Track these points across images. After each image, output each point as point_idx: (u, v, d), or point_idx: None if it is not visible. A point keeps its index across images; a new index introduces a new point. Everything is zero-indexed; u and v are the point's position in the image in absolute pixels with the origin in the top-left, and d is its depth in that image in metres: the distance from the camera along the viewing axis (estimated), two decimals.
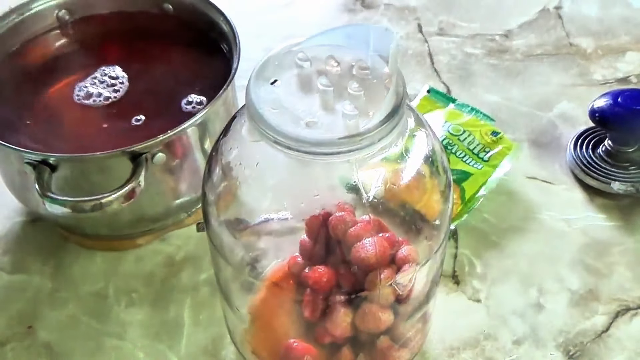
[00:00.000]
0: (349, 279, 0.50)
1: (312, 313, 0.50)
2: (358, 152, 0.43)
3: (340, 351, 0.52)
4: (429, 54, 0.89)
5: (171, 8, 0.73)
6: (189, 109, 0.66)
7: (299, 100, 0.45)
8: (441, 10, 0.95)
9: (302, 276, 0.50)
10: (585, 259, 0.67)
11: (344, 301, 0.50)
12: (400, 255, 0.50)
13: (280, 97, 0.45)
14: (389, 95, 0.43)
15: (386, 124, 0.43)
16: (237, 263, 0.54)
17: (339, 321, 0.50)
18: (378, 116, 0.43)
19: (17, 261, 0.68)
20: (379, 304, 0.50)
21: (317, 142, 0.42)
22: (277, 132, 0.43)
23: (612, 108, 0.71)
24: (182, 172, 0.64)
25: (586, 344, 0.61)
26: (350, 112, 0.43)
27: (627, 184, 0.71)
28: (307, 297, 0.50)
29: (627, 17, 0.94)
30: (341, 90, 0.45)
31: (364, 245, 0.49)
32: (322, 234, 0.51)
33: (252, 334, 0.57)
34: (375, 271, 0.49)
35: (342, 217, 0.50)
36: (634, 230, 0.69)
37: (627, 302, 0.64)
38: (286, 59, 0.46)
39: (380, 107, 0.43)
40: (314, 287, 0.49)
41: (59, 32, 0.73)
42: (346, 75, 0.46)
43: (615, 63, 0.87)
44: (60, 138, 0.65)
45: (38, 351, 0.61)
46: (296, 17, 0.96)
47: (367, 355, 0.52)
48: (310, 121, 0.44)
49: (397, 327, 0.52)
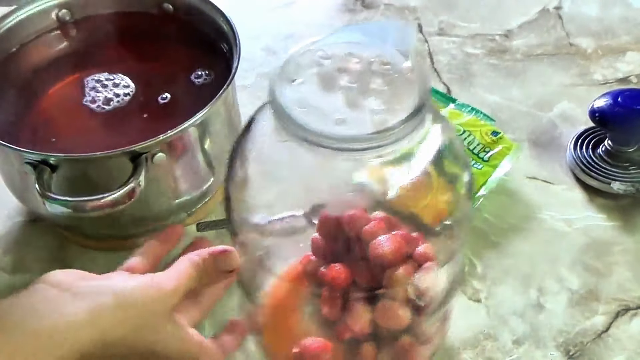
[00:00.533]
0: (366, 276, 0.50)
1: (331, 310, 0.50)
2: (389, 146, 0.43)
3: (361, 347, 0.52)
4: (429, 54, 0.89)
5: (171, 8, 0.73)
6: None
7: (324, 98, 0.45)
8: (441, 10, 0.95)
9: (318, 274, 0.50)
10: (585, 259, 0.67)
11: (362, 298, 0.50)
12: (419, 253, 0.50)
13: (305, 96, 0.45)
14: (417, 88, 0.44)
15: (415, 117, 0.43)
16: (256, 259, 0.54)
17: (358, 317, 0.50)
18: (407, 110, 0.43)
19: (18, 261, 0.68)
20: (398, 301, 0.50)
21: (351, 138, 0.43)
22: (308, 130, 0.43)
23: (612, 108, 0.71)
24: (183, 172, 0.64)
25: (586, 344, 0.61)
26: (377, 108, 0.44)
27: (627, 184, 0.71)
28: (324, 294, 0.50)
29: (627, 17, 0.94)
30: (364, 86, 0.45)
31: (380, 242, 0.49)
32: (336, 232, 0.51)
33: (268, 329, 0.57)
34: (393, 268, 0.49)
35: (356, 214, 0.50)
36: (634, 230, 0.69)
37: (627, 302, 0.64)
38: (306, 58, 0.47)
39: (405, 101, 0.44)
40: (332, 284, 0.49)
41: (59, 33, 0.73)
42: (367, 71, 0.46)
43: (615, 63, 0.87)
44: (61, 138, 0.65)
45: None
46: (296, 17, 0.96)
47: (388, 351, 0.52)
48: (338, 118, 0.44)
49: (418, 325, 0.52)
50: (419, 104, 0.44)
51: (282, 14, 0.97)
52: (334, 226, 0.51)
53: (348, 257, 0.51)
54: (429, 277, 0.50)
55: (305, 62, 0.47)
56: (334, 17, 0.96)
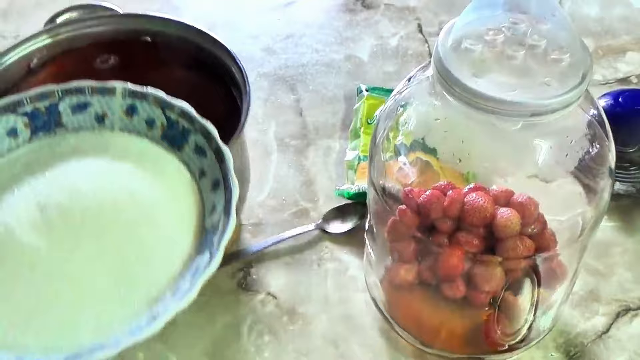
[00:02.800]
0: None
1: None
2: (560, 111, 0.46)
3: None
4: (429, 54, 0.89)
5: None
6: None
7: (492, 67, 0.48)
8: (441, 10, 0.95)
9: (455, 237, 0.51)
10: (585, 260, 0.67)
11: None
12: (544, 234, 0.52)
13: (474, 66, 0.48)
14: (582, 57, 0.48)
15: (581, 85, 0.46)
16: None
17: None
18: (574, 79, 0.46)
19: None
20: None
21: (523, 104, 0.45)
22: (485, 98, 0.46)
23: (612, 108, 0.71)
24: None
25: (586, 344, 0.61)
26: (547, 78, 0.46)
27: (627, 184, 0.71)
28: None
29: (627, 17, 0.94)
30: (528, 56, 0.48)
31: (503, 214, 0.50)
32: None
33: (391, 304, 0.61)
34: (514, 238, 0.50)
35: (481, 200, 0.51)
36: (634, 231, 0.69)
37: (627, 303, 0.64)
38: (470, 30, 0.49)
39: (567, 70, 0.47)
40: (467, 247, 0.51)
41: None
42: (524, 42, 0.48)
43: (615, 63, 0.87)
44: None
45: None
46: (296, 17, 0.96)
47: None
48: (510, 85, 0.46)
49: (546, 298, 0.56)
50: (585, 71, 0.47)
51: (282, 14, 0.97)
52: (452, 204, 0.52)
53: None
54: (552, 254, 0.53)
55: (467, 31, 0.49)
56: (334, 17, 0.96)
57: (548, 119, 0.46)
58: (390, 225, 0.55)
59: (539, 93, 0.46)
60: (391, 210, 0.54)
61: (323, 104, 0.83)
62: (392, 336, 0.61)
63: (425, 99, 0.53)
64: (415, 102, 0.54)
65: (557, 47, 0.48)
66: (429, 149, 0.54)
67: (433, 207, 0.51)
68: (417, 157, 0.54)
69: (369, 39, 0.92)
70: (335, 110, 0.82)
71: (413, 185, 0.54)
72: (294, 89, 0.85)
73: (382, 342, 0.61)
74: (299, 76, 0.86)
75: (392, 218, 0.54)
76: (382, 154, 0.55)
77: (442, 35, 0.49)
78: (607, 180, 0.53)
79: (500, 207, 0.51)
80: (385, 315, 0.61)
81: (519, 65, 0.48)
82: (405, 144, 0.54)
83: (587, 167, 0.52)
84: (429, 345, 0.59)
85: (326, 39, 0.92)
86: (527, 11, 0.49)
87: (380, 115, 0.56)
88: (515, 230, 0.50)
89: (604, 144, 0.52)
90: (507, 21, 0.49)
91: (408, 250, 0.55)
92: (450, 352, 0.59)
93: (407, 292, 0.57)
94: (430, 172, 0.54)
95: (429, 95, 0.51)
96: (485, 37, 0.49)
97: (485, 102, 0.46)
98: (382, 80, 0.85)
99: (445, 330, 0.58)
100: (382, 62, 0.88)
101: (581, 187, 0.52)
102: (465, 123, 0.49)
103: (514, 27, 0.49)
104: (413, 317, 0.59)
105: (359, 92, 0.81)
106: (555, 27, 0.49)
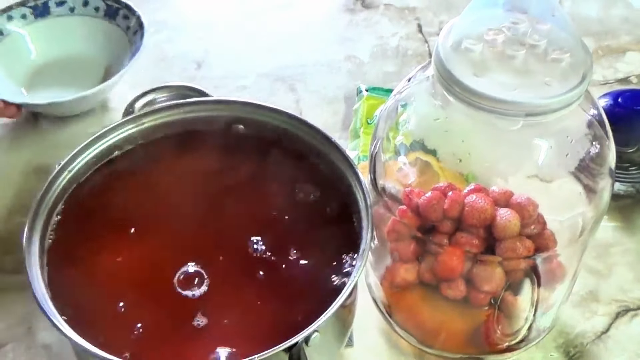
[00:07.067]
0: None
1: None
2: (561, 110, 0.46)
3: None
4: (429, 54, 0.89)
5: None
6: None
7: (492, 67, 0.48)
8: (441, 10, 0.95)
9: (455, 238, 0.51)
10: (585, 260, 0.67)
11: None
12: (543, 234, 0.52)
13: (475, 66, 0.48)
14: (583, 57, 0.48)
15: (581, 85, 0.47)
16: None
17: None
18: (575, 79, 0.47)
19: (18, 261, 0.68)
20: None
21: (524, 104, 0.46)
22: (486, 97, 0.46)
23: (612, 108, 0.71)
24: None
25: (586, 345, 0.61)
26: (547, 78, 0.46)
27: (627, 184, 0.71)
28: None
29: (627, 17, 0.94)
30: (529, 56, 0.48)
31: (503, 215, 0.50)
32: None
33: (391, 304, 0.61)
34: (514, 240, 0.50)
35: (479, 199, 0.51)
36: (634, 231, 0.69)
37: (627, 303, 0.64)
38: (470, 30, 0.49)
39: (567, 70, 0.48)
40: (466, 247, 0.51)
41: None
42: (525, 42, 0.48)
43: (615, 63, 0.87)
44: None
45: (37, 352, 0.61)
46: (296, 17, 0.96)
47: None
48: (511, 85, 0.46)
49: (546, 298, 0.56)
50: (586, 71, 0.48)
51: (282, 14, 0.97)
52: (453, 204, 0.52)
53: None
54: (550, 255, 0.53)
55: (471, 34, 0.49)
56: (334, 17, 0.96)
57: (548, 118, 0.47)
58: (390, 225, 0.55)
59: (539, 93, 0.46)
60: (391, 210, 0.54)
61: (323, 104, 0.83)
62: (392, 336, 0.61)
63: (425, 99, 0.53)
64: (415, 102, 0.54)
65: (557, 47, 0.48)
66: (428, 149, 0.54)
67: (433, 208, 0.51)
68: (417, 157, 0.54)
69: (369, 39, 0.92)
70: (335, 110, 0.82)
71: (413, 186, 0.54)
72: (294, 89, 0.85)
73: (382, 342, 0.61)
74: (299, 76, 0.86)
75: (393, 218, 0.54)
76: (382, 154, 0.55)
77: (442, 35, 0.49)
78: (607, 180, 0.53)
79: (500, 208, 0.51)
80: (385, 315, 0.61)
81: (519, 65, 0.48)
82: (405, 144, 0.54)
83: (587, 167, 0.52)
84: (429, 346, 0.59)
85: (326, 39, 0.92)
86: (527, 11, 0.49)
87: (380, 115, 0.56)
88: (514, 231, 0.50)
89: (604, 144, 0.52)
90: (507, 21, 0.49)
91: (408, 250, 0.55)
92: (450, 352, 0.59)
93: (407, 292, 0.57)
94: (430, 172, 0.54)
95: (429, 95, 0.51)
96: (486, 37, 0.49)
97: (485, 101, 0.46)
98: (382, 80, 0.85)
99: (445, 330, 0.58)
100: (382, 62, 0.88)
101: (581, 187, 0.52)
102: (466, 123, 0.49)
103: (514, 27, 0.49)
104: (413, 317, 0.59)
105: (359, 92, 0.81)
106: (555, 27, 0.49)
